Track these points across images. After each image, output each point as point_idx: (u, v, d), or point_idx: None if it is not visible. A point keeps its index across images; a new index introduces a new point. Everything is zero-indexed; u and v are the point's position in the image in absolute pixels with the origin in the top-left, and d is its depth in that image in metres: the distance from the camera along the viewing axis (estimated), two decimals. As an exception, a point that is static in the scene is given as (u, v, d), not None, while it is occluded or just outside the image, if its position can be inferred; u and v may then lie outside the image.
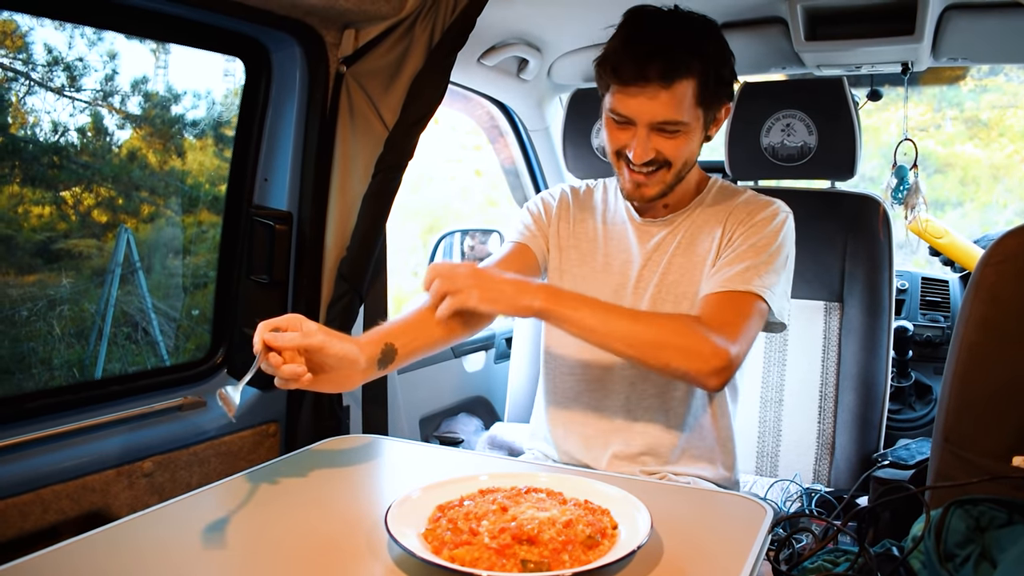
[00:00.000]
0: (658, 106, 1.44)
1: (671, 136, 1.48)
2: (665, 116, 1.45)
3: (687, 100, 1.45)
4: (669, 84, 1.42)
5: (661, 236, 1.65)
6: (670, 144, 1.50)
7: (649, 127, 1.47)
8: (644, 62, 1.41)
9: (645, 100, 1.44)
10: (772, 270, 1.52)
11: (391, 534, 0.98)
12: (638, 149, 1.48)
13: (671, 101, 1.44)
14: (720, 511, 1.20)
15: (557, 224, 1.74)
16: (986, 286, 1.35)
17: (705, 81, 1.46)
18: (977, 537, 1.15)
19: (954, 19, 2.01)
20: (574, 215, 1.74)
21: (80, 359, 2.56)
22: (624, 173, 1.56)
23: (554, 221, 1.74)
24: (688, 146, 1.52)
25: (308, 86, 1.78)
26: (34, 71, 2.13)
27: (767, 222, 1.57)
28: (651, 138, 1.48)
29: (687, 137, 1.50)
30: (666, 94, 1.43)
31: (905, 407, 2.63)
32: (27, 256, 2.31)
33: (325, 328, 1.27)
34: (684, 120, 1.46)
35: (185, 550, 1.05)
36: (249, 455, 1.79)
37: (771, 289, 1.50)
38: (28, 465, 1.42)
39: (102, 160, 2.46)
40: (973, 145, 5.46)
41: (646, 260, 1.64)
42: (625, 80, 1.44)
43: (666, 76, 1.41)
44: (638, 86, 1.43)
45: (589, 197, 1.78)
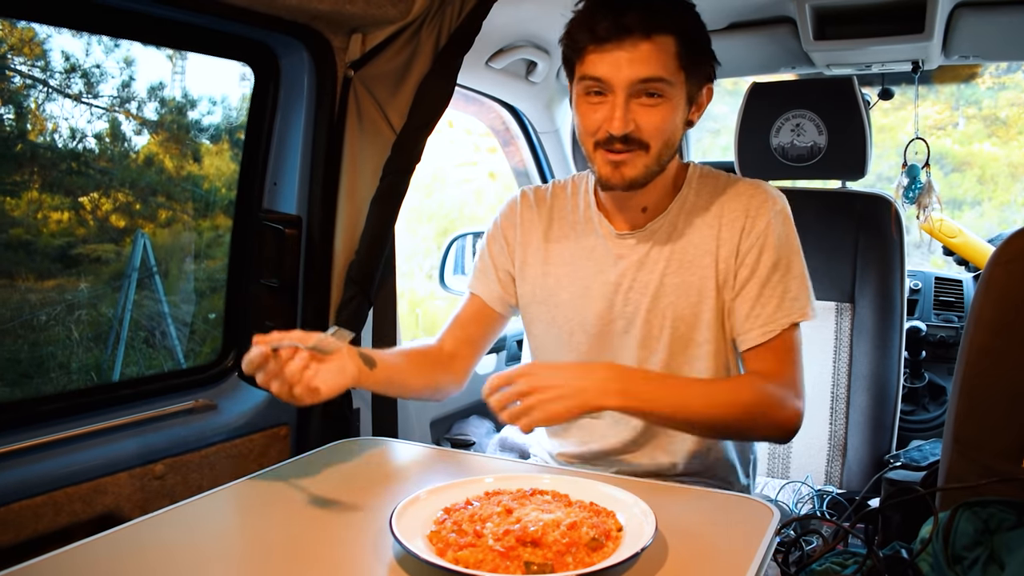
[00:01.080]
0: (639, 61, 1.33)
1: (652, 105, 1.37)
2: (647, 72, 1.34)
3: (669, 56, 1.35)
4: (649, 35, 1.33)
5: (645, 251, 1.52)
6: (650, 116, 1.37)
7: (628, 92, 1.36)
8: (622, 11, 1.32)
9: (624, 55, 1.34)
10: (799, 280, 1.48)
11: (395, 536, 0.98)
12: (616, 118, 1.36)
13: (652, 54, 1.34)
14: (727, 513, 1.19)
15: (524, 253, 1.62)
16: (996, 286, 1.35)
17: (686, 40, 1.37)
18: (986, 539, 1.15)
19: (964, 17, 2.00)
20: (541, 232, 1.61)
21: (98, 363, 2.58)
22: (600, 157, 1.43)
23: (517, 251, 1.63)
24: (670, 120, 1.40)
25: (316, 90, 1.78)
26: (52, 78, 2.15)
27: (774, 226, 1.47)
28: (630, 107, 1.37)
29: (669, 107, 1.38)
30: (647, 45, 1.33)
31: (919, 408, 2.62)
32: (46, 261, 2.33)
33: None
34: (666, 78, 1.36)
35: (196, 552, 1.06)
36: (260, 457, 1.80)
37: (806, 302, 1.47)
38: (41, 468, 1.44)
39: (119, 165, 2.49)
40: (991, 143, 5.41)
41: (632, 282, 1.52)
42: (602, 37, 1.34)
43: (646, 25, 1.32)
44: (616, 40, 1.33)
45: (556, 202, 1.64)
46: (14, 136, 2.13)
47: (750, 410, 1.37)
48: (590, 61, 1.37)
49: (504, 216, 1.66)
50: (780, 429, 1.40)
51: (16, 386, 2.23)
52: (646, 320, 1.50)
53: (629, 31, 1.32)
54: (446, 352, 1.61)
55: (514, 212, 1.65)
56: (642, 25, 1.32)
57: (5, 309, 2.25)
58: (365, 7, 1.65)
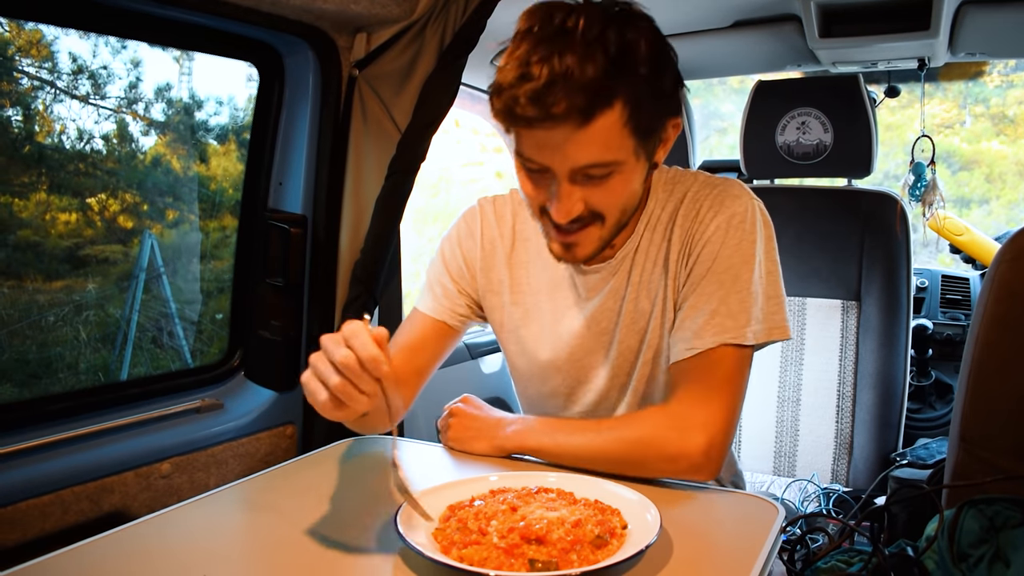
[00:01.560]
0: (576, 149, 1.11)
1: (601, 181, 1.16)
2: (588, 159, 1.12)
3: (614, 134, 1.12)
4: (586, 121, 1.08)
5: (615, 283, 1.36)
6: (601, 193, 1.17)
7: (570, 175, 1.15)
8: (545, 96, 1.06)
9: (559, 142, 1.11)
10: (743, 295, 1.25)
11: (400, 533, 0.98)
12: (560, 206, 1.16)
13: (592, 141, 1.10)
14: (731, 511, 1.19)
15: (487, 280, 1.47)
16: (1001, 283, 1.34)
17: (636, 104, 1.11)
18: (991, 537, 1.14)
19: (971, 14, 1.99)
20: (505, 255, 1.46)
21: (106, 363, 2.59)
22: (548, 232, 1.25)
23: (480, 278, 1.47)
24: (625, 189, 1.19)
25: (321, 90, 1.79)
26: (59, 80, 2.16)
27: (726, 228, 1.27)
28: (575, 188, 1.16)
29: (622, 178, 1.17)
30: (584, 134, 1.10)
31: (925, 406, 2.61)
32: (54, 262, 2.34)
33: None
34: (614, 160, 1.14)
35: (203, 550, 1.07)
36: (266, 456, 1.81)
37: (749, 326, 1.24)
38: (48, 467, 1.44)
39: (127, 166, 2.50)
40: (999, 141, 5.40)
41: (602, 311, 1.38)
42: (527, 122, 1.10)
43: (580, 112, 1.08)
44: (544, 128, 1.10)
45: (519, 221, 1.47)
46: (22, 138, 2.14)
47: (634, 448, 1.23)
48: (522, 141, 1.16)
49: (463, 235, 1.48)
50: (672, 465, 1.22)
51: (25, 387, 2.25)
52: (620, 352, 1.37)
53: (557, 120, 1.08)
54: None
55: (473, 231, 1.48)
56: (577, 112, 1.08)
57: (14, 310, 2.26)
58: (370, 6, 1.66)
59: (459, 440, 1.41)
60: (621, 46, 1.08)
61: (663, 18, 1.18)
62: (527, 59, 1.07)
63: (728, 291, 1.25)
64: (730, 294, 1.24)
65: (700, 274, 1.27)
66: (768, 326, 1.26)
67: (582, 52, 1.06)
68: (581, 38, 1.06)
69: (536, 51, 1.07)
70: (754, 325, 1.24)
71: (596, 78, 1.06)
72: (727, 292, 1.25)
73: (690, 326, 1.26)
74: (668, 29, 2.31)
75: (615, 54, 1.07)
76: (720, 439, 1.21)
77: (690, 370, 1.25)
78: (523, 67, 1.07)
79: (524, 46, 1.08)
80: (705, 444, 1.20)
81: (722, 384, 1.23)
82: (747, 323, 1.24)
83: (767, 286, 1.28)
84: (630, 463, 1.22)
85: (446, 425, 1.44)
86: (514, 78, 1.07)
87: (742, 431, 2.35)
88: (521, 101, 1.07)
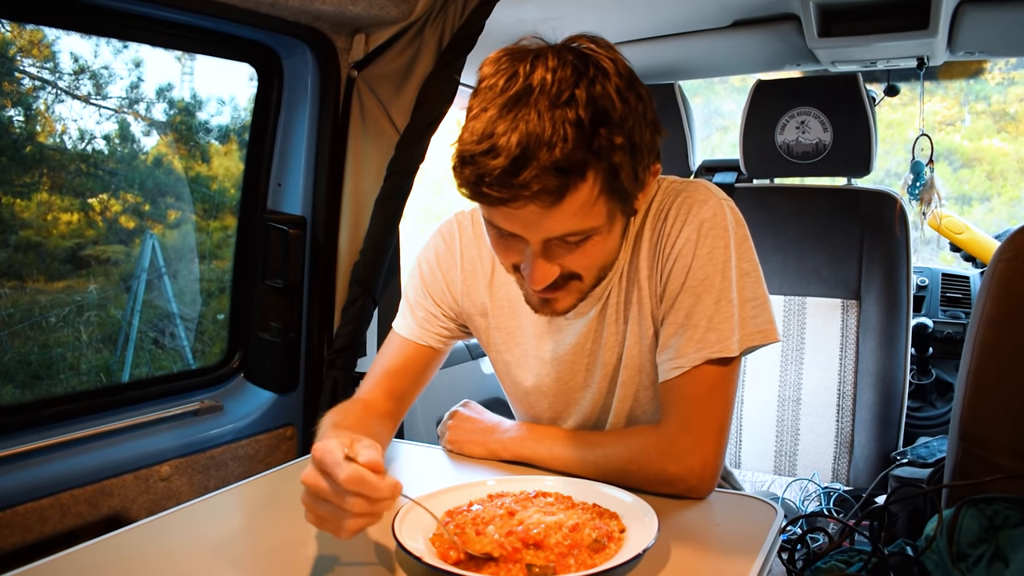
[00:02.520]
0: (550, 223, 1.05)
1: (577, 246, 1.10)
2: (562, 231, 1.06)
3: (588, 204, 1.05)
4: (559, 200, 1.02)
5: (598, 309, 1.31)
6: (577, 255, 1.11)
7: (544, 245, 1.09)
8: (514, 175, 0.98)
9: (529, 220, 1.04)
10: (721, 305, 1.20)
11: (397, 539, 0.98)
12: (534, 275, 1.11)
13: (565, 214, 1.04)
14: (730, 512, 1.19)
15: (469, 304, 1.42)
16: (1000, 282, 1.34)
17: (612, 172, 1.04)
18: (990, 536, 1.14)
19: (969, 12, 1.98)
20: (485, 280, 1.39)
21: (107, 364, 2.59)
22: (524, 288, 1.21)
23: (463, 301, 1.42)
24: (604, 250, 1.14)
25: (320, 91, 1.79)
26: (61, 80, 2.16)
27: (696, 238, 1.21)
28: (550, 256, 1.11)
29: (600, 240, 1.11)
30: (556, 211, 1.03)
31: (926, 405, 2.61)
32: (56, 263, 2.34)
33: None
34: (590, 227, 1.08)
35: (202, 553, 1.07)
36: (266, 458, 1.81)
37: (732, 336, 1.19)
38: (47, 470, 1.44)
39: (128, 167, 2.50)
40: (1000, 139, 5.39)
41: (585, 335, 1.33)
42: (493, 202, 1.03)
43: (551, 192, 1.00)
44: (511, 207, 1.03)
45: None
46: (24, 138, 2.14)
47: (625, 467, 1.22)
48: (487, 209, 1.09)
49: (442, 255, 1.42)
50: (667, 487, 1.20)
51: (26, 388, 2.25)
52: (603, 374, 1.34)
53: (531, 199, 1.01)
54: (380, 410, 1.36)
55: (453, 250, 1.41)
56: (547, 192, 1.00)
57: (16, 311, 2.26)
58: (368, 7, 1.66)
59: (456, 443, 1.42)
60: (593, 108, 1.00)
61: (662, 18, 1.17)
62: (492, 129, 1.00)
63: (706, 303, 1.20)
64: (708, 306, 1.20)
65: (675, 289, 1.23)
66: (751, 331, 1.22)
67: (551, 120, 0.98)
68: (549, 101, 0.99)
69: (502, 119, 1.00)
70: (737, 333, 1.20)
71: (568, 153, 0.99)
72: (705, 305, 1.20)
73: (674, 344, 1.22)
74: (668, 29, 2.32)
75: (587, 119, 1.00)
76: (712, 459, 1.20)
77: (678, 389, 1.22)
78: (488, 139, 0.99)
79: (489, 111, 1.01)
80: (699, 467, 1.19)
81: (710, 401, 1.21)
82: (730, 334, 1.19)
83: (744, 289, 1.22)
84: (623, 481, 1.20)
85: (445, 428, 1.45)
86: (479, 152, 1.00)
87: (742, 430, 2.35)
88: (487, 180, 1.00)
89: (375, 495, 0.90)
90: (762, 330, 1.22)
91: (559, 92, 1.00)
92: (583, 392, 1.38)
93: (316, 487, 0.92)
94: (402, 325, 1.43)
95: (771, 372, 2.29)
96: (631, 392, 1.33)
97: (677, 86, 2.61)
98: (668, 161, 2.62)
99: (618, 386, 1.33)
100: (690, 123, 2.64)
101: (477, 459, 1.39)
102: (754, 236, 1.27)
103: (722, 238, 1.21)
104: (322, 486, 0.91)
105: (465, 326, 1.45)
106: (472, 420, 1.43)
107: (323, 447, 0.92)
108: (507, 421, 1.42)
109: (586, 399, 1.38)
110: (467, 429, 1.42)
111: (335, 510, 0.92)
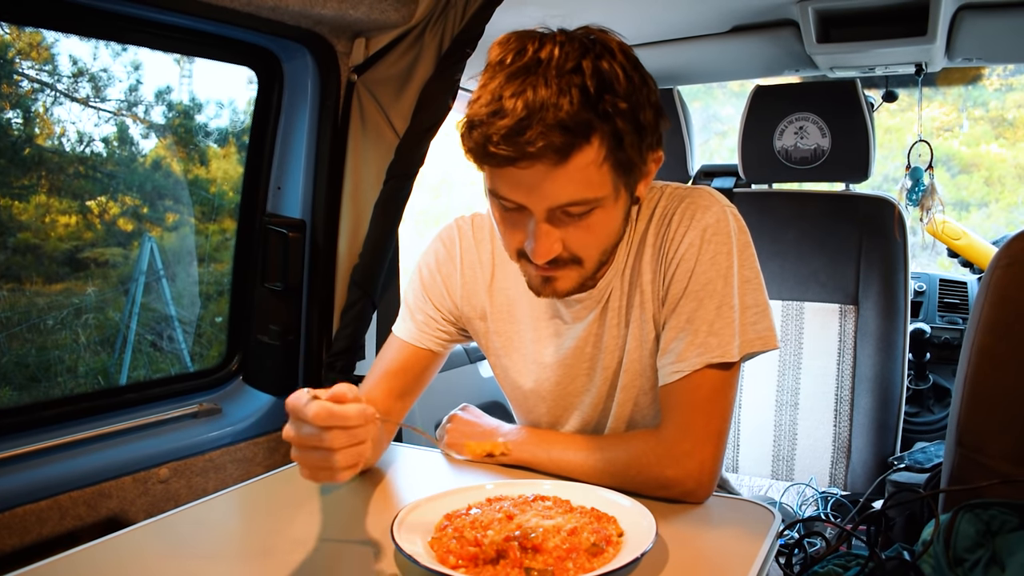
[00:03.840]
0: (553, 187, 1.06)
1: (580, 219, 1.11)
2: (566, 198, 1.07)
3: (592, 171, 1.06)
4: (563, 159, 1.03)
5: (599, 312, 1.32)
6: (580, 232, 1.13)
7: (548, 214, 1.10)
8: (519, 133, 1.01)
9: (534, 180, 1.05)
10: (723, 310, 1.21)
11: (396, 543, 0.99)
12: (538, 246, 1.11)
13: (570, 178, 1.05)
14: (727, 517, 1.19)
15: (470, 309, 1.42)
16: (997, 289, 1.35)
17: (615, 138, 1.06)
18: (987, 541, 1.14)
19: (968, 19, 1.99)
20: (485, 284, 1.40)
21: (105, 367, 2.59)
22: (525, 268, 1.21)
23: (463, 307, 1.42)
24: (605, 228, 1.15)
25: (320, 95, 1.80)
26: (59, 82, 2.16)
27: (699, 243, 1.22)
28: (553, 228, 1.11)
29: (602, 216, 1.13)
30: (561, 172, 1.04)
31: (923, 410, 2.61)
32: (54, 265, 2.34)
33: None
34: (594, 197, 1.09)
35: (201, 556, 1.07)
36: (265, 461, 1.81)
37: (733, 342, 1.20)
38: (46, 472, 1.45)
39: (127, 169, 2.50)
40: (998, 145, 5.39)
41: (585, 339, 1.34)
42: (501, 160, 1.04)
43: (557, 150, 1.02)
44: (519, 167, 1.04)
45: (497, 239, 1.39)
46: (22, 140, 2.15)
47: (624, 470, 1.23)
48: (494, 178, 1.10)
49: (442, 260, 1.42)
50: (665, 491, 1.21)
51: (24, 390, 2.25)
52: (603, 378, 1.34)
53: (533, 158, 1.03)
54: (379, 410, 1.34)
55: (453, 255, 1.42)
56: (553, 150, 1.02)
57: (14, 313, 2.27)
58: (368, 12, 1.66)
59: (455, 447, 1.42)
60: (598, 78, 1.03)
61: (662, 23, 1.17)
62: (499, 93, 1.02)
63: (708, 308, 1.21)
64: (710, 311, 1.21)
65: (677, 293, 1.23)
66: (751, 337, 1.22)
67: (557, 85, 1.01)
68: (556, 70, 1.02)
69: (509, 84, 1.02)
70: (738, 339, 1.21)
71: (573, 113, 1.01)
72: (707, 310, 1.21)
73: (674, 348, 1.23)
74: (667, 34, 2.33)
75: (592, 87, 1.02)
76: (710, 464, 1.21)
77: (678, 393, 1.22)
78: (496, 102, 1.02)
79: (497, 79, 1.04)
80: (696, 471, 1.20)
81: (709, 406, 1.21)
82: (731, 339, 1.20)
83: (745, 295, 1.23)
84: (622, 484, 1.20)
85: (444, 432, 1.45)
86: (486, 114, 1.03)
87: (740, 435, 2.35)
88: (494, 139, 1.02)
89: (348, 423, 0.92)
90: (762, 336, 1.23)
91: (565, 62, 1.02)
92: (583, 396, 1.38)
93: (294, 436, 0.94)
94: (402, 328, 1.44)
95: (769, 377, 2.29)
96: (631, 396, 1.34)
97: (676, 91, 2.62)
98: (667, 166, 2.63)
99: (618, 390, 1.34)
100: (689, 128, 2.65)
101: (476, 463, 1.39)
102: (752, 241, 1.28)
103: (725, 244, 1.22)
104: (299, 433, 0.94)
105: (464, 330, 1.46)
106: (471, 424, 1.44)
107: (292, 397, 0.95)
108: (506, 425, 1.42)
109: (585, 403, 1.38)
110: (465, 432, 1.42)
111: (321, 454, 0.93)
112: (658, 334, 1.29)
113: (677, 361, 1.22)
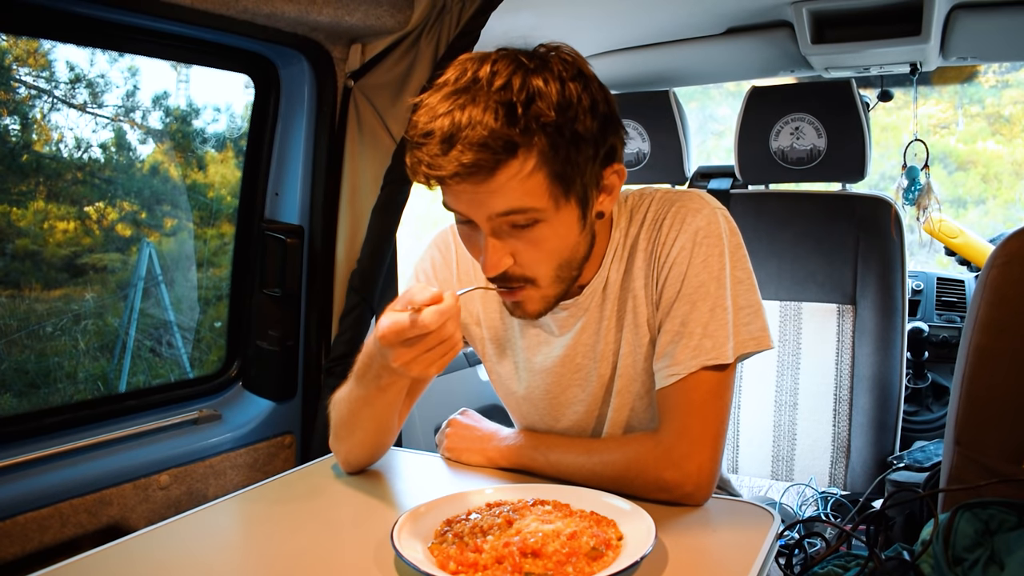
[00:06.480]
0: (488, 198, 1.08)
1: (526, 231, 1.12)
2: (502, 207, 1.09)
3: (522, 182, 1.07)
4: (489, 175, 1.05)
5: (585, 320, 1.33)
6: (528, 247, 1.14)
7: (492, 227, 1.12)
8: (444, 154, 1.04)
9: (469, 196, 1.08)
10: (717, 313, 1.21)
11: (396, 549, 0.99)
12: (486, 259, 1.13)
13: (501, 191, 1.07)
14: (727, 519, 1.20)
15: (466, 308, 1.44)
16: (993, 287, 1.35)
17: (545, 151, 1.07)
18: (986, 540, 1.15)
19: (961, 18, 2.00)
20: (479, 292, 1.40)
21: (104, 372, 2.59)
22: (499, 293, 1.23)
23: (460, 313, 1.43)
24: (554, 243, 1.15)
25: (316, 101, 1.80)
26: (57, 88, 2.17)
27: (691, 246, 1.23)
28: (500, 241, 1.13)
29: (548, 229, 1.13)
30: (490, 186, 1.06)
31: (922, 409, 2.62)
32: (52, 271, 2.34)
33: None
34: (531, 207, 1.09)
35: (201, 562, 1.07)
36: (265, 466, 1.82)
37: (727, 344, 1.21)
38: (47, 480, 1.45)
39: (125, 175, 2.50)
40: (995, 142, 5.40)
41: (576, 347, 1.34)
42: (432, 181, 1.07)
43: (480, 167, 1.04)
44: (450, 185, 1.08)
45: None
46: (20, 147, 2.15)
47: (623, 474, 1.23)
48: (442, 192, 1.13)
49: (438, 265, 1.44)
50: (664, 494, 1.21)
51: (23, 396, 2.25)
52: (598, 386, 1.35)
53: (464, 176, 1.05)
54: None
55: (448, 261, 1.43)
56: (476, 167, 1.04)
57: (13, 319, 2.27)
58: (364, 18, 1.66)
59: (454, 451, 1.43)
60: (526, 93, 1.05)
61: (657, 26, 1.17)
62: (433, 114, 1.06)
63: (701, 311, 1.22)
64: (704, 314, 1.22)
65: (671, 297, 1.24)
66: (745, 338, 1.23)
67: (485, 104, 1.04)
68: (486, 88, 1.04)
69: (442, 104, 1.06)
70: (732, 340, 1.22)
71: (495, 130, 1.03)
72: (700, 312, 1.22)
73: (670, 351, 1.23)
74: (662, 37, 2.33)
75: (520, 102, 1.04)
76: (709, 466, 1.21)
77: (674, 396, 1.23)
78: (428, 124, 1.06)
79: (434, 98, 1.08)
80: (695, 473, 1.20)
81: (706, 408, 1.22)
82: (725, 340, 1.21)
83: (738, 296, 1.24)
84: (621, 488, 1.20)
85: (443, 436, 1.46)
86: (419, 135, 1.07)
87: (739, 436, 2.36)
88: (424, 160, 1.06)
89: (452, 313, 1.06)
90: (755, 337, 1.24)
91: (496, 80, 1.05)
92: (576, 403, 1.38)
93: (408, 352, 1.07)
94: None
95: (767, 377, 2.30)
96: (627, 402, 1.34)
97: (672, 93, 2.62)
98: (664, 167, 2.63)
99: (613, 396, 1.34)
100: (685, 129, 2.65)
101: (475, 467, 1.39)
102: (749, 242, 1.29)
103: (717, 246, 1.23)
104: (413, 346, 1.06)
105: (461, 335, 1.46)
106: (470, 428, 1.45)
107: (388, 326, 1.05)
108: (505, 429, 1.43)
109: (580, 410, 1.39)
110: (465, 437, 1.43)
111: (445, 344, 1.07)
112: (653, 338, 1.29)
113: (672, 364, 1.23)
